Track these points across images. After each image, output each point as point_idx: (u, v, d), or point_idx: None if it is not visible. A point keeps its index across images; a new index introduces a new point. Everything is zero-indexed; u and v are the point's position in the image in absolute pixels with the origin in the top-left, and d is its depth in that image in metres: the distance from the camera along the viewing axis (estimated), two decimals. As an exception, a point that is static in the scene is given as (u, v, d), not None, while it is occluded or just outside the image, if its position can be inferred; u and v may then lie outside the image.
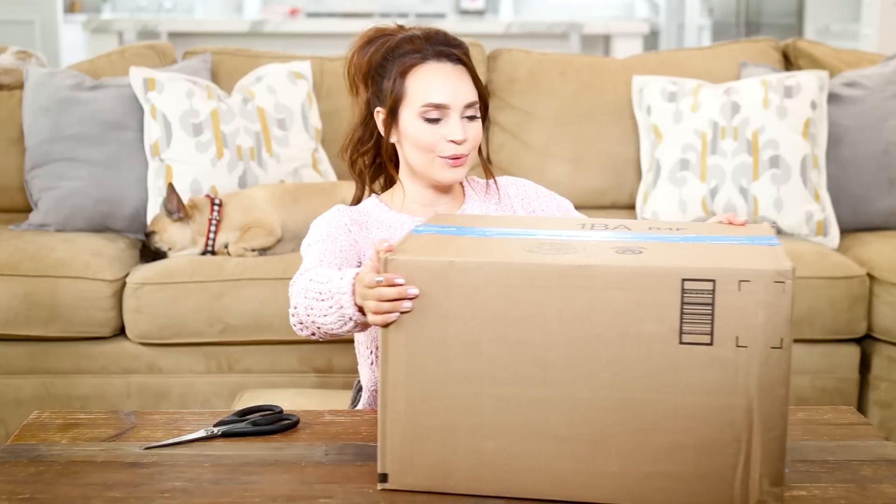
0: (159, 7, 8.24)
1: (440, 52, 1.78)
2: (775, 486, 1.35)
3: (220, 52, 3.41)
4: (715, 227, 1.57)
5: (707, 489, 1.35)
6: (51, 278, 2.79)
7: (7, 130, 3.24)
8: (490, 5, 8.32)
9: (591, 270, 1.33)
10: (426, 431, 1.40)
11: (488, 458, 1.39)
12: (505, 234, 1.48)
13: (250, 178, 3.09)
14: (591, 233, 1.51)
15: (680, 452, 1.35)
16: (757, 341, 1.32)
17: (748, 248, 1.42)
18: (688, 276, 1.31)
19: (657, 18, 8.44)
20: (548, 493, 1.39)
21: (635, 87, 3.33)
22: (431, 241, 1.45)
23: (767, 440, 1.34)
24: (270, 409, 1.69)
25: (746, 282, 1.30)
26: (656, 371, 1.34)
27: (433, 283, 1.36)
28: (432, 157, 1.78)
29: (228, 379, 2.85)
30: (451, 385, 1.39)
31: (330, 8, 7.90)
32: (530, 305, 1.35)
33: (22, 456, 1.54)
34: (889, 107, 3.24)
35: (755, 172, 3.07)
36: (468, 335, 1.37)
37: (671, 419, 1.35)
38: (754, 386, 1.33)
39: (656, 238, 1.47)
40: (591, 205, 3.32)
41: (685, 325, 1.32)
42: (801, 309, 2.85)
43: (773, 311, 1.31)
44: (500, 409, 1.38)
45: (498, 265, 1.35)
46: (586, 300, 1.34)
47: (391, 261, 1.37)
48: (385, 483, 1.43)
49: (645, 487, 1.37)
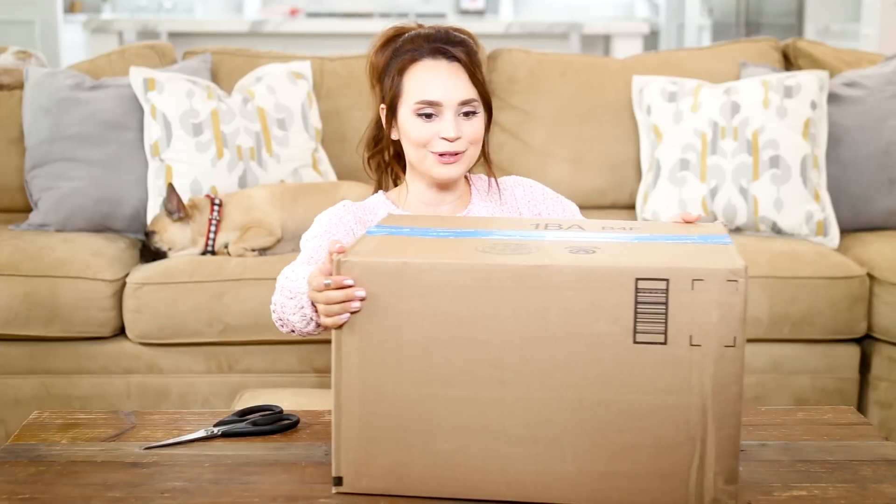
0: (159, 7, 8.24)
1: (436, 49, 1.80)
2: (730, 484, 1.35)
3: (220, 52, 3.41)
4: (669, 226, 1.57)
5: (662, 488, 1.36)
6: (51, 278, 2.79)
7: (7, 130, 3.24)
8: (490, 5, 8.33)
9: (546, 270, 1.33)
10: (381, 434, 1.40)
11: (444, 459, 1.39)
12: (458, 235, 1.48)
13: (250, 178, 3.09)
14: (545, 233, 1.51)
15: (635, 452, 1.36)
16: (710, 340, 1.32)
17: (701, 247, 1.42)
18: (641, 276, 1.32)
19: (657, 18, 8.44)
20: (503, 494, 1.39)
21: (635, 87, 3.33)
22: (384, 242, 1.44)
23: (722, 438, 1.34)
24: (270, 409, 1.69)
25: (700, 281, 1.31)
26: (611, 371, 1.34)
27: (387, 284, 1.36)
28: (425, 153, 1.80)
29: (228, 379, 2.85)
30: (405, 387, 1.38)
31: (330, 8, 7.90)
32: (484, 306, 1.35)
33: (22, 456, 1.55)
34: (889, 107, 3.24)
35: (755, 172, 3.07)
36: (422, 336, 1.36)
37: (626, 419, 1.35)
38: (708, 385, 1.33)
39: (610, 238, 1.47)
40: (591, 205, 3.32)
41: (639, 325, 1.33)
42: (801, 309, 2.85)
43: (727, 309, 1.31)
44: (455, 411, 1.38)
45: (451, 266, 1.35)
46: (540, 300, 1.34)
47: (344, 262, 1.37)
48: (340, 486, 1.42)
49: (600, 487, 1.37)
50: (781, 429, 1.66)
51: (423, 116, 1.78)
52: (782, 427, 1.66)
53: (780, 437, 1.62)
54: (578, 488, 1.37)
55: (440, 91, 1.78)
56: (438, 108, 1.78)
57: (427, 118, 1.78)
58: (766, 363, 2.90)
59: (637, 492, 1.36)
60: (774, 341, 2.90)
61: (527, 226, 1.56)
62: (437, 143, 1.79)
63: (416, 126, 1.79)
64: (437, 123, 1.78)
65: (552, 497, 1.38)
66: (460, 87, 1.79)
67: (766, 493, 1.43)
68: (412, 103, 1.79)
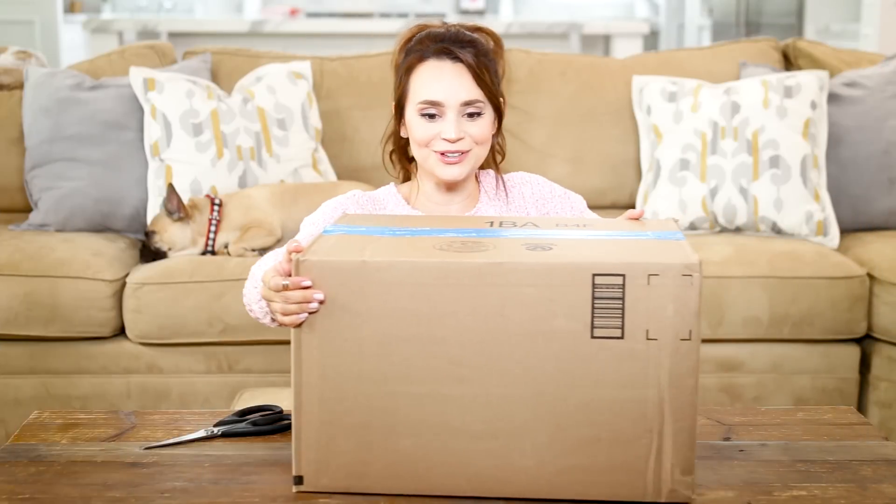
0: (159, 7, 8.24)
1: (441, 49, 1.81)
2: (686, 475, 1.38)
3: (220, 52, 3.42)
4: (621, 223, 1.59)
5: (621, 480, 1.38)
6: (51, 278, 2.79)
7: (7, 130, 3.24)
8: (490, 5, 8.32)
9: (503, 267, 1.35)
10: (341, 432, 1.40)
11: (404, 456, 1.40)
12: (414, 234, 1.49)
13: (250, 178, 3.09)
14: (500, 230, 1.52)
15: (594, 445, 1.37)
16: (666, 334, 1.34)
17: (655, 243, 1.44)
18: (598, 271, 1.34)
19: (657, 18, 8.44)
20: (464, 489, 1.40)
21: (635, 87, 3.33)
22: (342, 241, 1.45)
23: (678, 430, 1.36)
24: (270, 409, 1.69)
25: (655, 275, 1.33)
26: (569, 365, 1.36)
27: (346, 283, 1.37)
28: (428, 152, 1.81)
29: (228, 379, 2.85)
30: (365, 385, 1.39)
31: (330, 8, 7.90)
32: (443, 303, 1.36)
33: (22, 456, 1.55)
34: (889, 107, 3.24)
35: (755, 172, 3.07)
36: (382, 335, 1.37)
37: (584, 412, 1.37)
38: (665, 378, 1.35)
39: (565, 234, 1.49)
40: (592, 205, 3.28)
41: (596, 320, 1.35)
42: (801, 309, 2.85)
43: (682, 303, 1.33)
44: (415, 408, 1.38)
45: (410, 264, 1.36)
46: (499, 297, 1.35)
47: (303, 262, 1.37)
48: (300, 485, 1.42)
49: (560, 480, 1.39)
50: (781, 429, 1.66)
51: (426, 116, 1.79)
52: (782, 427, 1.66)
53: (780, 437, 1.62)
54: (538, 482, 1.39)
55: (442, 92, 1.78)
56: (440, 108, 1.78)
57: (430, 118, 1.79)
58: (766, 363, 2.90)
59: (596, 484, 1.39)
60: (774, 341, 2.90)
61: (482, 223, 1.57)
62: (438, 142, 1.79)
63: (420, 126, 1.80)
64: (439, 124, 1.79)
65: (512, 491, 1.40)
66: (463, 87, 1.79)
67: (766, 493, 1.43)
68: (416, 103, 1.80)
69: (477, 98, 1.80)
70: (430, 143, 1.80)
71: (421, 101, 1.79)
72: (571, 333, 1.35)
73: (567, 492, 1.39)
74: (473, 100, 1.80)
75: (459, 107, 1.79)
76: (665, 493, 1.38)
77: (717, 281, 2.84)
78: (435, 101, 1.78)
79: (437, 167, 1.81)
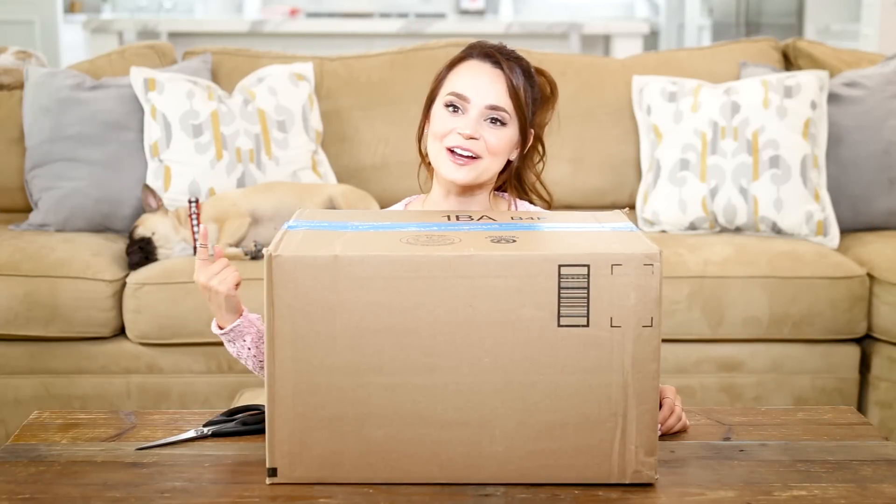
0: (159, 7, 8.24)
1: (485, 52, 1.81)
2: (650, 456, 1.43)
3: (221, 52, 3.41)
4: (573, 215, 1.63)
5: (587, 463, 1.43)
6: (51, 278, 2.79)
7: (7, 130, 3.24)
8: (490, 5, 8.32)
9: (472, 260, 1.39)
10: (315, 423, 1.43)
11: (377, 446, 1.43)
12: (378, 228, 1.52)
13: (249, 180, 3.09)
14: (460, 224, 1.55)
15: (561, 430, 1.42)
16: (629, 321, 1.40)
17: (614, 234, 1.49)
18: (564, 262, 1.39)
19: (657, 18, 8.44)
20: (436, 476, 1.44)
21: (635, 87, 3.33)
22: (308, 236, 1.48)
23: (641, 413, 1.42)
24: (258, 409, 1.70)
25: (618, 265, 1.39)
26: (536, 353, 1.41)
27: (318, 277, 1.40)
28: (440, 147, 1.77)
29: (228, 379, 2.85)
30: (338, 377, 1.42)
31: (330, 8, 7.90)
32: (414, 296, 1.39)
33: (22, 456, 1.55)
34: (889, 107, 3.24)
35: (755, 172, 3.07)
36: (354, 327, 1.40)
37: (552, 398, 1.42)
38: (628, 363, 1.41)
39: (525, 227, 1.53)
40: (591, 205, 3.32)
41: (563, 309, 1.39)
42: (801, 309, 2.85)
43: (644, 292, 1.39)
44: (388, 398, 1.42)
45: (382, 258, 1.39)
46: (468, 289, 1.39)
47: (276, 258, 1.40)
48: (274, 477, 1.44)
49: (528, 465, 1.43)
50: (781, 429, 1.66)
51: (450, 108, 1.77)
52: (782, 427, 1.66)
53: (780, 437, 1.62)
54: (507, 467, 1.43)
55: (473, 89, 1.77)
56: (465, 104, 1.76)
57: (453, 111, 1.77)
58: (766, 363, 2.90)
59: (563, 467, 1.43)
60: (774, 341, 2.90)
61: (440, 218, 1.60)
62: (453, 136, 1.75)
63: (441, 117, 1.78)
64: (460, 118, 1.76)
65: (482, 477, 1.44)
66: (494, 91, 1.77)
67: (766, 493, 1.43)
68: (445, 94, 1.79)
69: (504, 106, 1.77)
70: (446, 137, 1.76)
71: (449, 93, 1.77)
72: (539, 322, 1.40)
73: (536, 476, 1.43)
74: (500, 106, 1.76)
75: (484, 109, 1.76)
76: (630, 475, 1.43)
77: (717, 281, 2.84)
78: (462, 95, 1.76)
79: (445, 164, 1.77)
